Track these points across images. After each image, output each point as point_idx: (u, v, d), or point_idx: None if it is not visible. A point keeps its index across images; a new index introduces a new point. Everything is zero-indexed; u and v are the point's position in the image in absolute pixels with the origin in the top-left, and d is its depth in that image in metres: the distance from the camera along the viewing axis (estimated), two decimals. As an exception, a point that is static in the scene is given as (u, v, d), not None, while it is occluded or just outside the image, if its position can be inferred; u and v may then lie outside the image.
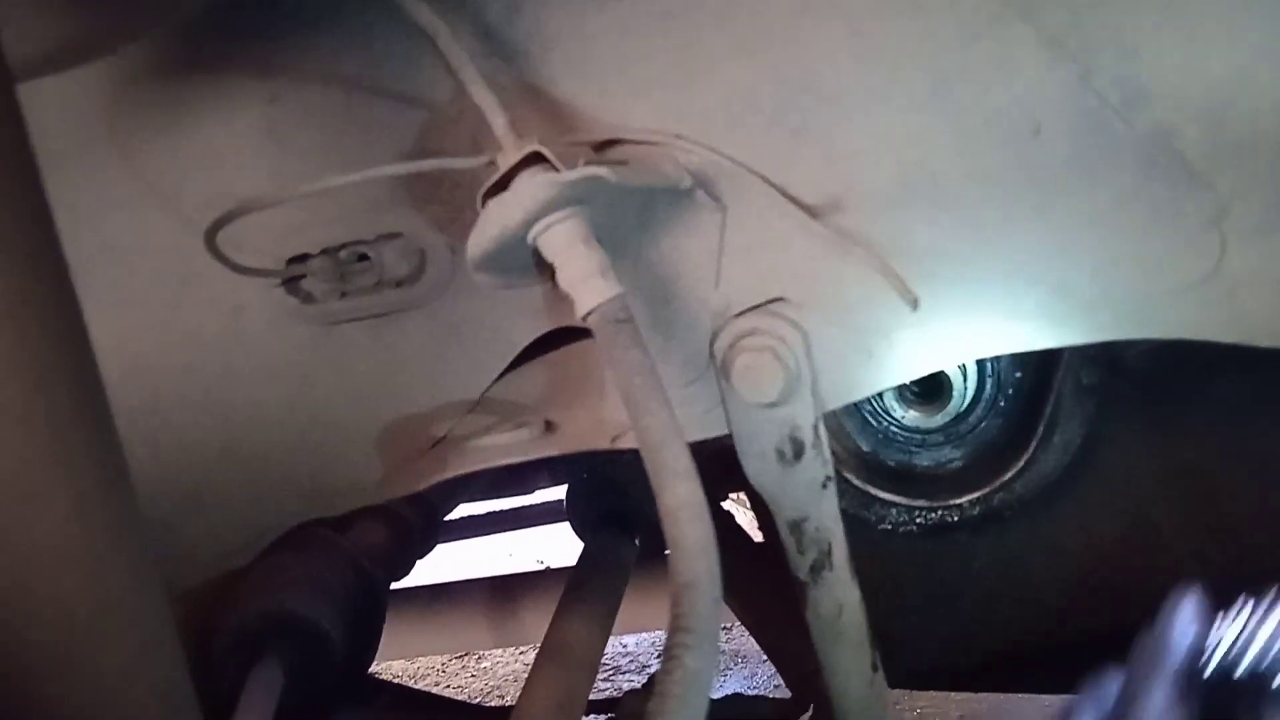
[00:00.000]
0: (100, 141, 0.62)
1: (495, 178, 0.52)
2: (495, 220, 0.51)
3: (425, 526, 1.03)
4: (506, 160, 0.52)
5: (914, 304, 0.56)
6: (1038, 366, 0.72)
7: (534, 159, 0.51)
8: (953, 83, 0.54)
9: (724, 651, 2.33)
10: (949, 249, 0.57)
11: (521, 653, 2.54)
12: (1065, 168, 0.55)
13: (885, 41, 0.54)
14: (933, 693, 1.99)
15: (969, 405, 0.72)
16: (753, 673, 2.33)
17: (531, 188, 0.50)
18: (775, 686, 2.16)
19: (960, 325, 0.58)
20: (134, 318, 0.67)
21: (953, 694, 1.99)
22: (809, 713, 1.04)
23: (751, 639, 1.23)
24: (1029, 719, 1.94)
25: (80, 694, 0.38)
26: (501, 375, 0.66)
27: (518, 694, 0.76)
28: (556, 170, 0.50)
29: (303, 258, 0.64)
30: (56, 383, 0.37)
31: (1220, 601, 0.53)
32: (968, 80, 0.54)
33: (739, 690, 2.13)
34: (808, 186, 0.57)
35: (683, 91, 0.57)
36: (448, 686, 2.49)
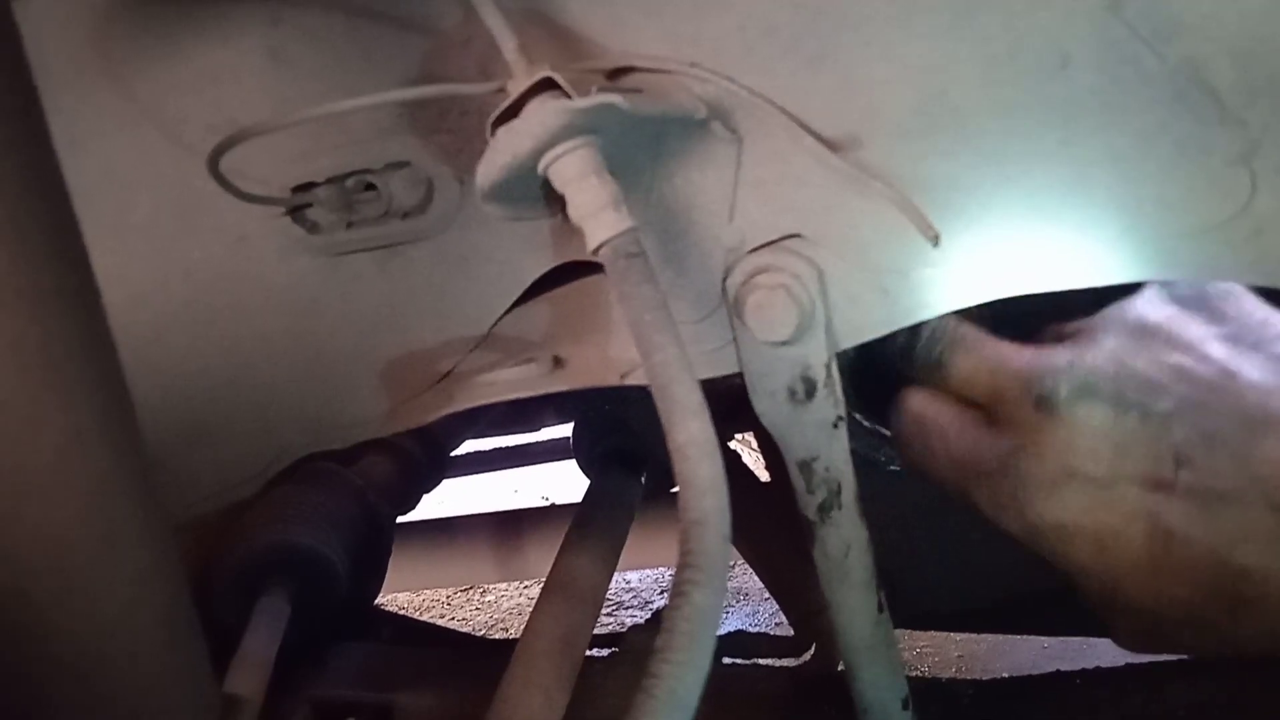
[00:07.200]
0: (96, 65, 0.61)
1: (505, 104, 0.50)
2: (505, 148, 0.50)
3: (431, 461, 1.04)
4: (517, 86, 0.50)
5: (935, 240, 0.55)
6: (1054, 311, 0.70)
7: (545, 85, 0.49)
8: (977, 10, 0.52)
9: (728, 589, 2.35)
10: (969, 184, 0.55)
11: (526, 587, 2.57)
12: (1092, 101, 0.53)
13: (907, -35, 0.52)
14: (933, 632, 2.02)
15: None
16: (755, 610, 2.35)
17: (543, 115, 0.49)
18: (777, 624, 2.18)
19: (979, 264, 0.57)
20: (136, 246, 0.66)
21: (953, 634, 2.01)
22: (811, 651, 1.05)
23: (755, 577, 1.23)
24: (1026, 659, 1.97)
25: (81, 624, 0.38)
26: (509, 310, 0.65)
27: (522, 627, 0.77)
28: (569, 97, 0.49)
29: (308, 186, 0.62)
30: (53, 311, 0.37)
31: None
32: (992, 8, 0.52)
33: (742, 627, 2.16)
34: (825, 118, 0.55)
35: (697, 16, 0.55)
36: (452, 619, 2.53)
